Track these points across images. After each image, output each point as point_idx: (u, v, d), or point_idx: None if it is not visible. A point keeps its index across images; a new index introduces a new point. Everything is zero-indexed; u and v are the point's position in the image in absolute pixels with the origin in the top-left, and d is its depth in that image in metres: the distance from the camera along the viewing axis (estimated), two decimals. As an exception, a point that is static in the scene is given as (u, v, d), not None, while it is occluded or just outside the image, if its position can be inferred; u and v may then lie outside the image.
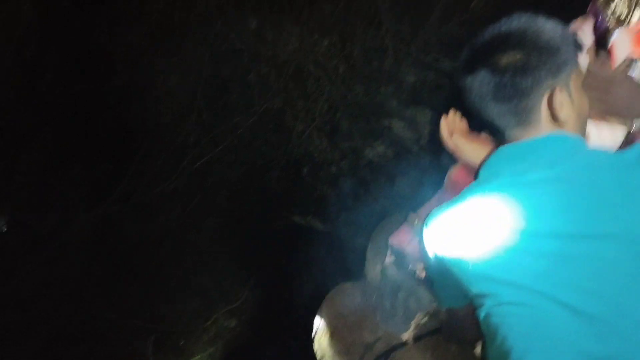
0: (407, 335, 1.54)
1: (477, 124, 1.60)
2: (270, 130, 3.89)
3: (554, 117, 0.98)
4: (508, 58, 0.96)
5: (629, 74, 1.20)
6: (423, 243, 1.09)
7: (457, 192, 1.50)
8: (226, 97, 3.83)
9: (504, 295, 0.93)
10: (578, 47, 1.01)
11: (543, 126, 0.99)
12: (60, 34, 3.42)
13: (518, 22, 1.00)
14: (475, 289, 0.99)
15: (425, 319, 1.51)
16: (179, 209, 3.76)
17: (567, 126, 1.00)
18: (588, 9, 1.37)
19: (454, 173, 1.51)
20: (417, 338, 1.55)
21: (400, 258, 1.64)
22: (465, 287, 1.01)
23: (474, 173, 1.40)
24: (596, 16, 1.33)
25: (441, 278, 1.10)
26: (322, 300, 1.90)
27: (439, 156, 3.86)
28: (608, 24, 1.28)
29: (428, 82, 3.67)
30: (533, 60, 0.95)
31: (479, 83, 0.99)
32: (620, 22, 1.26)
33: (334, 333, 1.63)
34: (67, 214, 3.50)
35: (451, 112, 1.50)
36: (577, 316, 0.87)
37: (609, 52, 1.28)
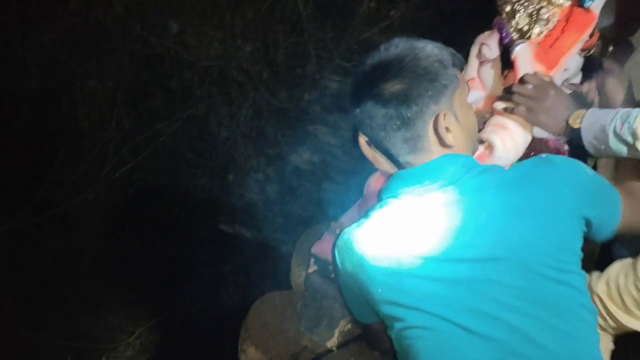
0: (331, 343, 1.55)
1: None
2: (194, 137, 3.82)
3: (441, 142, 1.01)
4: (390, 88, 0.98)
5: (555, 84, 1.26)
6: (335, 262, 1.10)
7: (374, 200, 1.53)
8: (147, 103, 3.72)
9: (410, 319, 0.95)
10: (458, 64, 1.04)
11: (433, 151, 1.02)
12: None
13: (396, 49, 1.02)
14: (383, 311, 1.00)
15: (349, 325, 1.52)
16: (100, 219, 3.62)
17: (457, 147, 1.04)
18: (493, 22, 1.44)
19: (373, 181, 1.54)
20: (341, 345, 1.56)
21: (324, 266, 1.65)
22: (374, 308, 1.03)
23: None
24: (500, 30, 1.39)
25: (352, 296, 1.11)
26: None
27: (363, 162, 3.93)
28: (512, 38, 1.35)
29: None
30: (414, 89, 0.98)
31: (367, 115, 1.01)
32: (522, 35, 1.33)
33: (260, 343, 1.61)
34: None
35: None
36: (477, 338, 0.90)
37: (512, 65, 1.35)
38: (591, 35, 1.29)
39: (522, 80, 1.25)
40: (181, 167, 3.87)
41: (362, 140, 1.42)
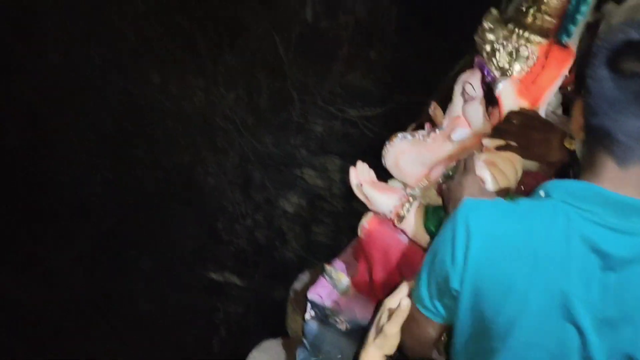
0: (332, 390, 1.52)
1: (386, 173, 1.66)
2: (181, 186, 3.80)
3: None
4: None
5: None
6: None
7: (372, 241, 1.53)
8: (131, 154, 3.71)
9: None
10: None
11: None
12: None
13: None
14: None
15: (349, 372, 1.49)
16: (87, 275, 3.55)
17: None
18: (475, 62, 1.48)
19: (368, 222, 1.54)
20: (342, 392, 1.53)
21: (321, 311, 1.63)
22: None
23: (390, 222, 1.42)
24: (482, 68, 1.43)
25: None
26: (243, 360, 1.84)
27: (351, 203, 3.94)
28: (494, 76, 1.38)
29: (335, 131, 3.77)
30: None
31: None
32: (504, 73, 1.36)
33: (258, 395, 1.57)
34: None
35: (359, 163, 1.54)
36: None
37: (496, 102, 1.38)
38: (571, 72, 1.33)
39: (507, 118, 1.27)
40: (168, 217, 3.84)
41: (354, 181, 1.43)
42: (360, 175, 1.50)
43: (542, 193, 0.89)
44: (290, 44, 3.39)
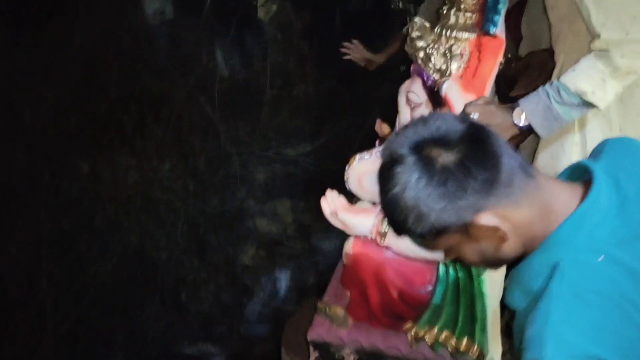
0: None
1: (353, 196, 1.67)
2: (134, 268, 3.66)
3: None
4: None
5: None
6: None
7: (359, 265, 1.53)
8: (75, 249, 3.55)
9: None
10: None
11: None
12: None
13: None
14: None
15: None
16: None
17: None
18: (411, 71, 1.54)
19: (351, 248, 1.54)
20: None
21: (325, 350, 1.60)
22: None
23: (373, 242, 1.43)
24: (421, 75, 1.49)
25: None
26: None
27: (310, 240, 3.93)
28: (434, 79, 1.44)
29: (278, 174, 3.78)
30: None
31: None
32: (443, 74, 1.43)
33: None
34: None
35: (328, 192, 1.55)
36: None
37: (444, 102, 1.44)
38: (505, 56, 1.41)
39: (464, 112, 1.33)
40: (128, 303, 3.67)
41: (327, 210, 1.44)
42: (332, 203, 1.51)
43: None
44: (215, 102, 3.40)
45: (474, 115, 1.28)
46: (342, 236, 1.64)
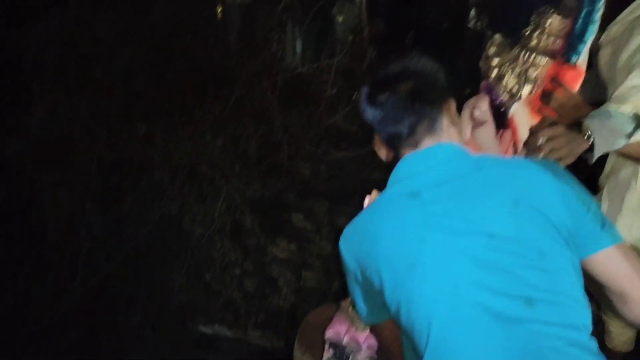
0: None
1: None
2: (168, 237, 3.73)
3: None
4: None
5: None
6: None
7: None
8: (118, 207, 3.64)
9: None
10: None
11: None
12: None
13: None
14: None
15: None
16: (74, 334, 3.39)
17: None
18: (481, 87, 1.51)
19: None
20: None
21: (340, 350, 1.58)
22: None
23: None
24: (490, 93, 1.46)
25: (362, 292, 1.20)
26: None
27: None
28: (503, 99, 1.41)
29: (321, 173, 3.78)
30: None
31: None
32: (513, 96, 1.39)
33: None
34: None
35: (374, 192, 1.54)
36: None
37: (509, 125, 1.40)
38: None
39: (534, 134, 1.27)
40: (156, 270, 3.74)
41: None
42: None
43: None
44: (275, 90, 3.43)
45: (542, 140, 1.24)
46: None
